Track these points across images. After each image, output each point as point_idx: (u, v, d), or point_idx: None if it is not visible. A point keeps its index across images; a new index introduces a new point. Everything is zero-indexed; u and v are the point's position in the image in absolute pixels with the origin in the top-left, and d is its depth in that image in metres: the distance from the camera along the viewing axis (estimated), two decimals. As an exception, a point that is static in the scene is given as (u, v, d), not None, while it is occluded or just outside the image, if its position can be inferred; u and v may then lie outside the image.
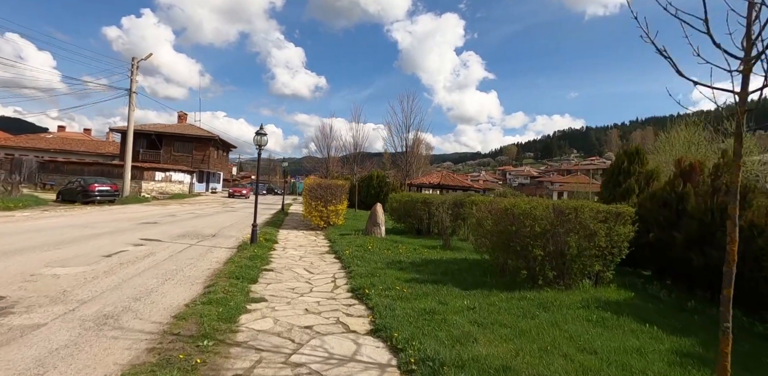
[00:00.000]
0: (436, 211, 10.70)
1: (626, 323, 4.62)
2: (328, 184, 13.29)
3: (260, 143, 8.95)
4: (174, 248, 8.74)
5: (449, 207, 10.75)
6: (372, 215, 11.20)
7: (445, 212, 10.40)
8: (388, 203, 13.70)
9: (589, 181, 76.23)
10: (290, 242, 10.66)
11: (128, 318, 4.22)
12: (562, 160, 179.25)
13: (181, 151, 39.65)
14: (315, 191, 13.24)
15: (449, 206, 10.81)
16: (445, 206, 10.62)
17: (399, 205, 13.12)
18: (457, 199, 11.38)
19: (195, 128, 41.65)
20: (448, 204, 10.80)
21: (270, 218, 17.30)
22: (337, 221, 13.69)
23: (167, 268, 6.73)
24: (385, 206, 13.42)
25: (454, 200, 11.15)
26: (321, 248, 9.76)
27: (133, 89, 23.92)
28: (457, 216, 11.54)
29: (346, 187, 13.76)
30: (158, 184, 34.36)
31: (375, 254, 8.44)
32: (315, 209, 13.15)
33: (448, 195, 12.88)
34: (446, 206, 10.62)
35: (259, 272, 6.60)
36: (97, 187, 21.67)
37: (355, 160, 24.11)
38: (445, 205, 10.68)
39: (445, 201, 10.80)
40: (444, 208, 10.49)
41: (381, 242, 10.23)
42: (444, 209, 10.47)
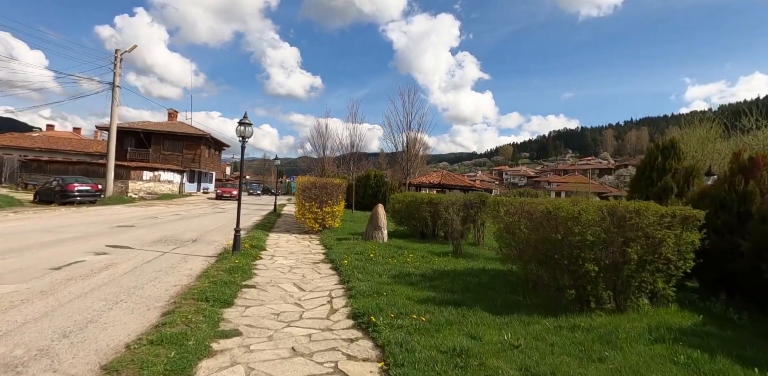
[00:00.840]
0: (445, 212, 9.48)
1: (726, 366, 3.42)
2: (324, 183, 12.05)
3: (243, 134, 7.66)
4: (142, 257, 7.46)
5: (460, 209, 9.53)
6: (373, 217, 9.96)
7: (455, 214, 9.18)
8: (390, 203, 12.47)
9: (587, 181, 75.52)
10: (280, 248, 9.40)
11: (37, 370, 2.96)
12: (557, 160, 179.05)
13: (170, 150, 38.21)
14: (309, 190, 11.99)
15: (460, 207, 9.59)
16: (455, 207, 9.40)
17: (402, 206, 11.89)
18: (469, 199, 10.18)
19: (185, 126, 40.21)
20: (458, 205, 9.58)
21: (260, 220, 16.01)
22: (334, 223, 12.44)
23: (124, 285, 5.45)
24: (386, 207, 12.19)
25: (466, 200, 9.94)
26: (315, 256, 8.50)
27: (116, 83, 22.54)
28: (466, 218, 10.32)
29: (344, 186, 12.53)
30: (146, 184, 32.95)
31: (378, 264, 7.20)
32: (309, 210, 11.90)
33: (456, 195, 11.66)
34: (457, 208, 9.40)
35: (237, 290, 5.34)
36: (77, 187, 20.30)
37: (351, 159, 22.84)
38: (456, 206, 9.46)
39: (456, 202, 9.58)
40: (454, 209, 9.27)
41: (384, 248, 9.00)
42: (454, 210, 9.25)
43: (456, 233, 9.09)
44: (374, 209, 10.11)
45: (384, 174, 29.20)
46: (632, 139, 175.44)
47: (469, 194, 10.83)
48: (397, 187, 29.26)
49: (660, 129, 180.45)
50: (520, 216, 5.14)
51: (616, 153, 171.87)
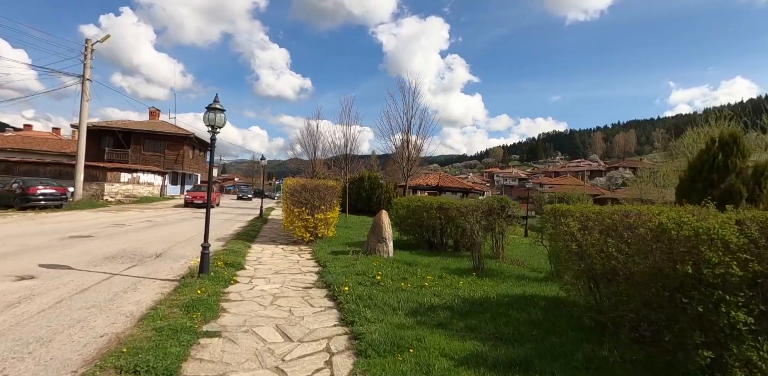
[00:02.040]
0: (464, 221, 7.86)
1: None
2: (316, 186, 10.34)
3: (213, 123, 5.93)
4: (80, 282, 5.69)
5: (482, 217, 7.92)
6: (375, 227, 8.29)
7: (477, 222, 7.57)
8: (393, 209, 10.82)
9: (581, 183, 74.88)
10: (263, 265, 7.67)
11: None
12: (547, 162, 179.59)
13: (151, 151, 36.10)
14: (298, 194, 10.28)
15: (482, 214, 7.98)
16: (477, 214, 7.78)
17: (407, 212, 10.23)
18: (490, 205, 8.56)
19: (168, 125, 38.12)
20: (481, 212, 7.97)
21: (243, 228, 14.22)
22: (327, 232, 10.73)
23: (26, 335, 3.71)
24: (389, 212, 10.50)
25: (488, 206, 8.32)
26: (306, 278, 6.79)
27: (86, 76, 20.56)
28: (486, 227, 8.72)
29: (338, 189, 10.86)
30: (124, 187, 30.84)
31: (389, 291, 5.53)
32: (298, 217, 10.17)
33: (468, 200, 10.07)
34: (479, 215, 7.79)
35: (191, 343, 3.62)
36: (40, 189, 18.26)
37: (345, 160, 21.15)
38: (478, 213, 7.85)
39: (478, 208, 7.96)
40: (476, 217, 7.65)
41: (390, 265, 7.33)
42: (476, 218, 7.63)
43: (478, 245, 7.47)
44: (377, 216, 8.44)
45: (379, 176, 27.57)
46: (620, 142, 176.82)
47: (487, 199, 9.25)
48: (392, 189, 27.65)
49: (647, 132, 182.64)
50: (608, 233, 3.53)
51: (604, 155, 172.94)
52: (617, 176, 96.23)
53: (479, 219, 7.66)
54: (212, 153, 6.67)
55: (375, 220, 8.37)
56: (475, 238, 7.50)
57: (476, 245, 7.37)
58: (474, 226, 7.41)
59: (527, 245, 13.54)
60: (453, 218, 9.77)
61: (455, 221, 9.78)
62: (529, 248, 13.14)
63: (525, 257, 10.56)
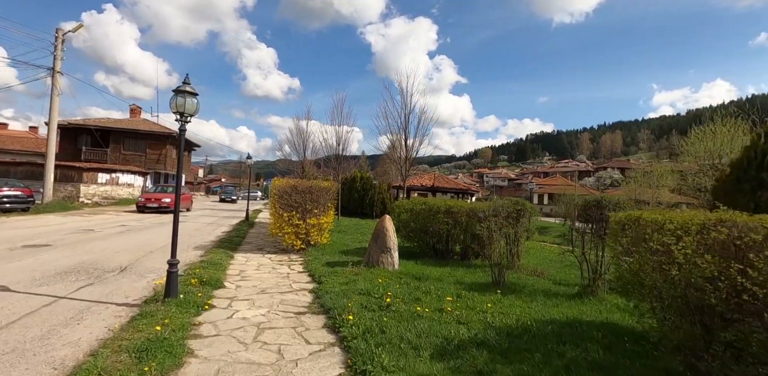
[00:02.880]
0: (480, 228, 6.80)
1: None
2: (308, 188, 9.19)
3: (183, 110, 4.76)
4: (12, 310, 4.46)
5: (503, 222, 6.86)
6: (378, 235, 7.16)
7: (498, 229, 6.51)
8: (394, 213, 9.71)
9: (570, 184, 74.78)
10: (247, 281, 6.50)
11: None
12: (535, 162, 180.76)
13: (132, 150, 34.42)
14: (288, 196, 9.11)
15: (504, 220, 6.93)
16: (498, 220, 6.73)
17: (410, 216, 9.14)
18: (505, 208, 7.52)
19: (150, 124, 36.44)
20: (502, 217, 6.92)
21: (227, 233, 12.97)
22: (320, 239, 9.58)
23: None
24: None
25: (510, 209, 7.26)
26: (298, 298, 5.64)
27: (57, 68, 19.04)
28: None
29: (333, 191, 9.71)
30: (102, 188, 29.21)
31: (403, 319, 4.43)
32: (288, 223, 9.00)
33: (481, 203, 9.06)
34: (500, 221, 6.74)
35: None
36: (3, 191, 16.75)
37: (336, 160, 20.00)
38: (499, 219, 6.80)
39: (498, 212, 6.89)
40: (497, 224, 6.60)
41: (398, 280, 6.24)
42: (497, 225, 6.57)
43: (497, 256, 6.42)
44: (380, 223, 7.31)
45: (371, 176, 26.46)
46: (607, 143, 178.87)
47: (501, 201, 8.21)
48: (385, 190, 26.56)
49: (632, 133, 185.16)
50: (723, 254, 2.50)
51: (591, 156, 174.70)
52: (606, 176, 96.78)
53: (501, 225, 6.60)
54: (180, 146, 5.47)
55: (378, 227, 7.26)
56: (496, 247, 6.45)
57: (497, 255, 6.31)
58: (494, 233, 6.36)
59: (537, 251, 12.59)
60: (462, 223, 8.72)
61: (466, 227, 8.74)
62: (538, 253, 12.18)
63: (540, 265, 9.57)
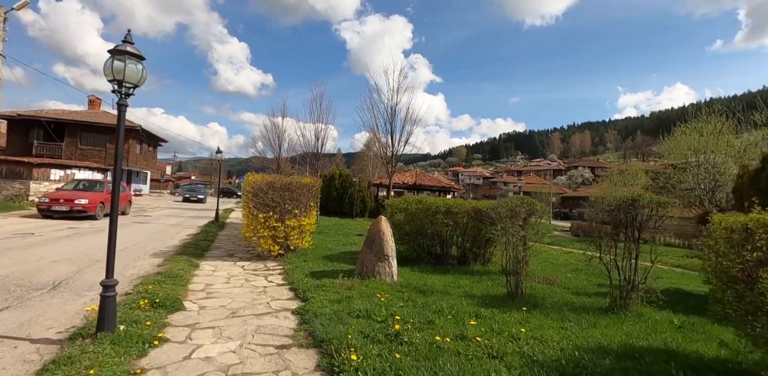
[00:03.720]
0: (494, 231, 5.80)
1: None
2: (287, 184, 7.95)
3: (122, 78, 3.50)
4: None
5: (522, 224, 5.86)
6: (374, 240, 6.02)
7: (516, 232, 5.52)
8: (385, 212, 8.60)
9: (545, 182, 75.76)
10: (213, 300, 5.24)
11: None
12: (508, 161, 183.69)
13: (91, 144, 31.91)
14: (264, 194, 7.85)
15: (522, 222, 5.92)
16: (516, 222, 5.72)
17: (405, 217, 8.06)
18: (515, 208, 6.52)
19: (110, 116, 33.90)
20: (521, 218, 5.92)
21: (194, 235, 11.52)
22: (301, 243, 8.36)
23: None
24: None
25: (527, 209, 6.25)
26: (280, 323, 4.45)
27: (-2, 51, 16.88)
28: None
29: (316, 188, 8.50)
30: (55, 185, 26.75)
31: (421, 356, 3.33)
32: (264, 225, 7.74)
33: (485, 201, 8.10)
34: (519, 223, 5.74)
35: None
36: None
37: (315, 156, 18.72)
38: (518, 220, 5.79)
39: (516, 213, 5.86)
40: (515, 226, 5.60)
41: (400, 295, 5.15)
42: (515, 227, 5.57)
43: (512, 264, 5.44)
44: (375, 226, 6.18)
45: (351, 173, 25.25)
46: (576, 142, 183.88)
47: (507, 200, 7.26)
48: (366, 188, 25.45)
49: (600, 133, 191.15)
50: None
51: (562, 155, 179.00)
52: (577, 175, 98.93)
53: (520, 228, 5.61)
54: (120, 129, 4.10)
55: (372, 230, 6.14)
56: (511, 253, 5.45)
57: (518, 263, 5.32)
58: (514, 238, 5.37)
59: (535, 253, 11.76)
60: (463, 224, 7.73)
61: (466, 229, 7.75)
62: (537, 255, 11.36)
63: (544, 270, 8.71)
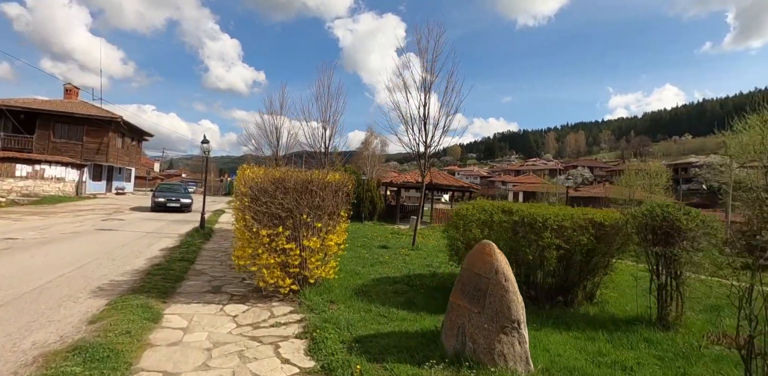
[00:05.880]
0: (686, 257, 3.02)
1: None
2: (305, 183, 5.11)
3: None
4: None
5: None
6: (479, 287, 3.14)
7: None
8: (453, 226, 5.75)
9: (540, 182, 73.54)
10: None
11: None
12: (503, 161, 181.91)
13: (65, 138, 28.68)
14: (269, 198, 4.99)
15: None
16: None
17: (488, 234, 5.23)
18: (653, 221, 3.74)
19: (88, 106, 30.68)
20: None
21: (169, 250, 8.55)
22: (324, 272, 5.50)
23: None
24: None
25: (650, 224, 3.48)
26: None
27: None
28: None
29: (350, 187, 5.65)
30: (21, 183, 23.66)
31: None
32: (269, 247, 4.88)
33: (604, 211, 5.33)
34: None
35: None
36: None
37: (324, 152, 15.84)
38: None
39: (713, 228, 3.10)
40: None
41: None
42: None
43: None
44: (479, 258, 3.27)
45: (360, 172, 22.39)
46: (571, 142, 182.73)
47: (642, 209, 4.53)
48: (374, 187, 22.63)
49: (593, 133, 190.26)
50: None
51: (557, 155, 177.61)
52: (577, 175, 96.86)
53: None
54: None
55: (475, 267, 3.27)
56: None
57: None
58: None
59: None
60: (582, 246, 4.93)
61: (588, 252, 4.96)
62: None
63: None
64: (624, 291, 6.51)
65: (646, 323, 4.94)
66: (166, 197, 18.77)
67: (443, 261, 8.94)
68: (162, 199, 18.54)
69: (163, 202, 18.46)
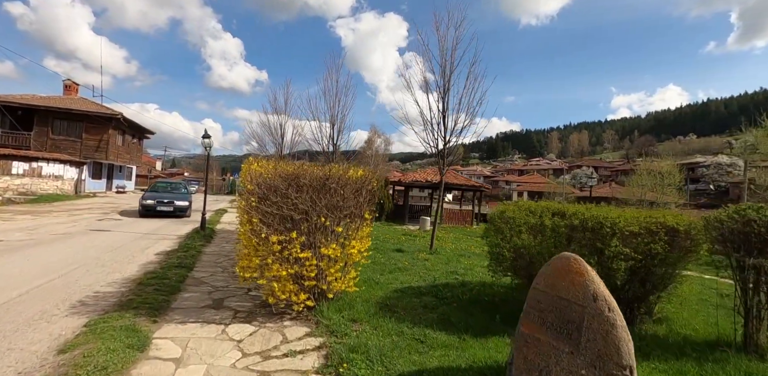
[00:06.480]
0: None
1: None
2: (323, 180, 4.33)
3: None
4: None
5: None
6: (566, 317, 2.38)
7: None
8: (494, 230, 4.94)
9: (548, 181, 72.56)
10: None
11: None
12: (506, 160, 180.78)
13: (64, 134, 27.93)
14: (280, 198, 4.21)
15: None
16: None
17: (536, 240, 4.40)
18: None
19: (87, 103, 29.95)
20: None
21: (166, 255, 7.76)
22: (344, 285, 4.69)
23: None
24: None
25: None
26: None
27: None
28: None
29: (375, 185, 4.86)
30: (18, 181, 22.94)
31: None
32: (280, 256, 4.11)
33: (677, 215, 4.51)
34: None
35: None
36: None
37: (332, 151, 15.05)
38: None
39: None
40: None
41: None
42: None
43: None
44: (564, 278, 2.52)
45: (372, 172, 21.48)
46: (574, 142, 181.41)
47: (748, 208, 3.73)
48: (382, 187, 21.81)
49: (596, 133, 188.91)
50: None
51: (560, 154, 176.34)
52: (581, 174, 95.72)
53: None
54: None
55: (558, 292, 2.47)
56: None
57: None
58: None
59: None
60: (656, 256, 4.11)
61: (660, 261, 4.14)
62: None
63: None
64: (682, 305, 5.69)
65: (731, 347, 4.12)
66: (156, 198, 15.33)
67: (468, 267, 8.13)
68: (150, 201, 15.06)
69: (152, 205, 14.95)
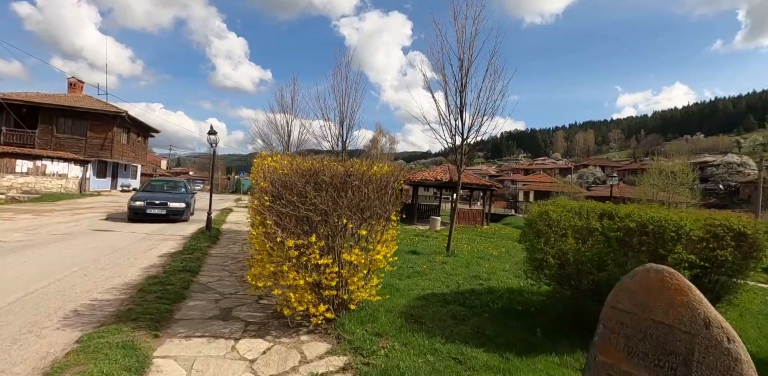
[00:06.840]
0: None
1: None
2: (344, 176, 3.86)
3: None
4: None
5: None
6: (693, 359, 1.93)
7: None
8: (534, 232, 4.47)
9: (555, 181, 71.70)
10: None
11: None
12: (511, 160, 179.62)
13: (68, 133, 27.63)
14: (297, 197, 3.75)
15: None
16: None
17: (587, 246, 3.92)
18: None
19: (92, 101, 29.66)
20: None
21: (169, 257, 7.31)
22: (366, 292, 4.23)
23: None
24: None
25: None
26: None
27: None
28: None
29: (400, 182, 4.40)
30: (22, 179, 22.70)
31: None
32: (296, 263, 3.65)
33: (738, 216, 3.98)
34: None
35: None
36: None
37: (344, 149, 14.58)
38: None
39: None
40: None
41: None
42: None
43: None
44: (667, 304, 2.03)
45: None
46: (580, 141, 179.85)
47: None
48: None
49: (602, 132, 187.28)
50: None
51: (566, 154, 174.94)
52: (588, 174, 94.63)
53: None
54: None
55: (651, 315, 1.97)
56: None
57: None
58: None
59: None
60: (723, 262, 3.60)
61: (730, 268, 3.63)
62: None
63: None
64: (743, 316, 5.16)
65: None
66: (146, 199, 12.86)
67: (490, 271, 7.62)
68: (139, 203, 12.63)
69: (141, 207, 12.54)
